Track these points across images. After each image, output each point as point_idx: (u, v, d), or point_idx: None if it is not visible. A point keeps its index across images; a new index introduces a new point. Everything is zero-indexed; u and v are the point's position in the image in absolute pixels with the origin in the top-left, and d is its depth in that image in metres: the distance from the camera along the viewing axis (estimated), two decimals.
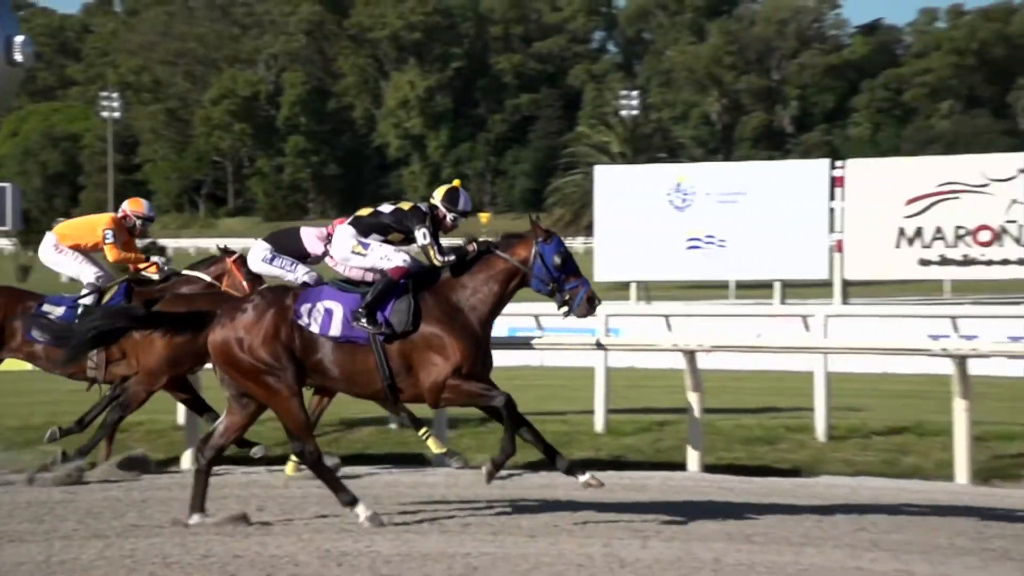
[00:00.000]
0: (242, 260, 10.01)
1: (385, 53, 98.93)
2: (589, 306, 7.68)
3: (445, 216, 7.94)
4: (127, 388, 9.43)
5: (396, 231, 7.87)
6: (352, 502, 7.48)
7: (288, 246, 9.72)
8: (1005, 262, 12.52)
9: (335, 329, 7.54)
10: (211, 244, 12.91)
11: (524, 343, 11.41)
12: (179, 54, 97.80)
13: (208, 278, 9.99)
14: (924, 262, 12.87)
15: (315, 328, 7.55)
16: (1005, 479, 9.28)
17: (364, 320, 7.48)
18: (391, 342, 7.52)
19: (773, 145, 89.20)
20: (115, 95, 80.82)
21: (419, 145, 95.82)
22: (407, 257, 7.78)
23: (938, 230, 12.69)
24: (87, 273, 9.81)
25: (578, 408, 12.12)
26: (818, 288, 15.12)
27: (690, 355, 9.84)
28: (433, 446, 9.50)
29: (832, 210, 13.02)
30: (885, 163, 17.86)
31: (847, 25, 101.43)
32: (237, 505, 7.93)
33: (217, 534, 7.21)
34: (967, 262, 12.74)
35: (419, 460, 10.11)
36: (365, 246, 7.82)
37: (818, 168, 13.84)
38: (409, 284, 7.64)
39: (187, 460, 9.96)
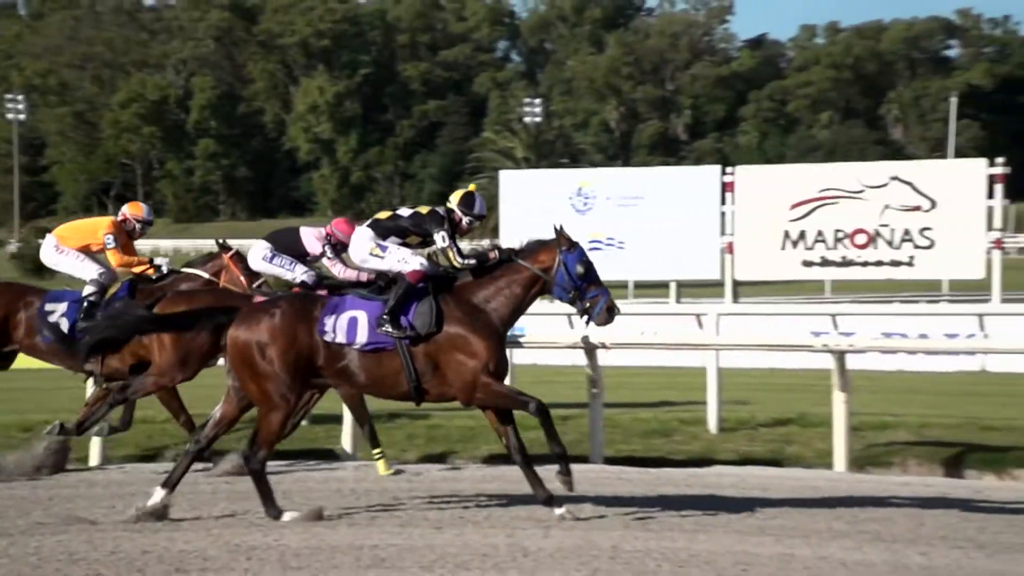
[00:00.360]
0: (239, 256, 9.92)
1: (294, 59, 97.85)
2: (609, 315, 7.58)
3: (461, 219, 7.91)
4: (140, 378, 9.07)
5: (414, 234, 7.84)
6: (278, 516, 7.38)
7: (288, 245, 9.71)
8: (879, 263, 12.82)
9: (361, 337, 7.45)
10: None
11: None
12: (86, 58, 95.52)
13: (206, 275, 9.82)
14: (807, 263, 13.11)
15: (341, 339, 7.45)
16: (878, 466, 9.48)
17: (388, 326, 7.40)
18: (416, 344, 7.43)
19: (668, 152, 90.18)
20: (20, 98, 79.17)
21: (329, 149, 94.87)
22: (423, 260, 7.72)
23: (819, 233, 12.94)
24: (90, 271, 9.57)
25: None
26: (710, 288, 15.31)
27: (592, 351, 9.93)
28: (382, 469, 9.20)
29: (723, 214, 13.20)
30: (771, 170, 18.20)
31: (735, 39, 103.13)
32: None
33: (125, 530, 7.04)
34: (845, 263, 13.02)
35: (330, 455, 10.04)
36: (383, 248, 7.79)
37: (710, 174, 14.02)
38: (429, 287, 7.56)
39: (95, 456, 9.82)
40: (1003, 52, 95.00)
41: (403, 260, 7.68)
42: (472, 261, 7.70)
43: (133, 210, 9.97)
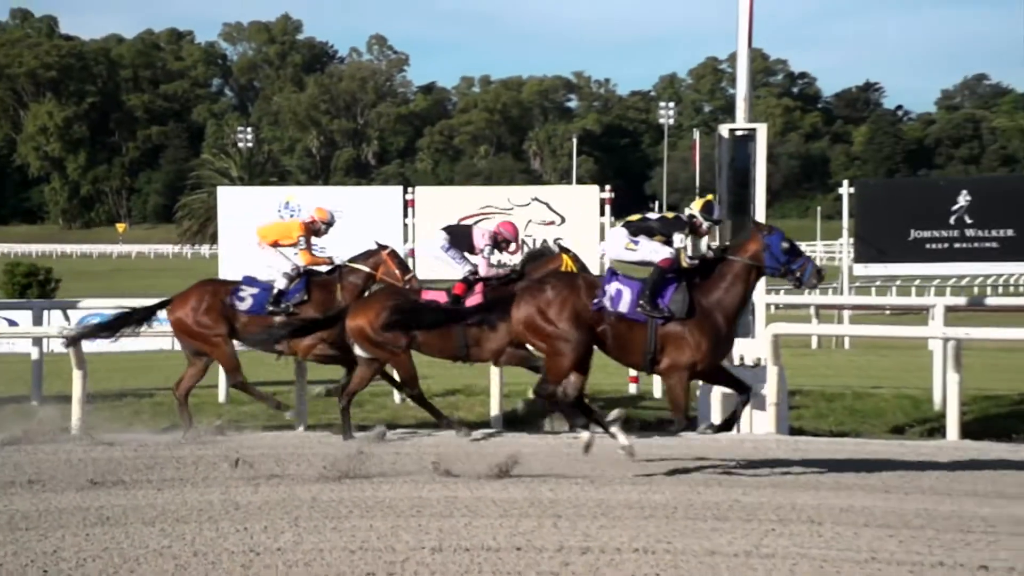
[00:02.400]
0: (393, 252, 9.60)
1: (23, 87, 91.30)
2: (818, 276, 7.49)
3: (702, 224, 7.81)
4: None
5: (659, 234, 7.56)
6: (585, 426, 7.47)
7: (460, 239, 9.19)
8: None
9: (623, 307, 7.32)
10: None
11: None
12: None
13: (367, 269, 9.37)
14: None
15: (608, 305, 7.33)
16: (526, 424, 9.61)
17: (648, 307, 7.27)
18: (664, 325, 7.31)
19: (360, 174, 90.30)
20: None
21: (59, 166, 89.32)
22: (671, 251, 7.51)
23: None
24: (284, 265, 9.31)
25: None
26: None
27: None
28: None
29: (406, 225, 13.17)
30: (443, 190, 18.32)
31: (411, 85, 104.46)
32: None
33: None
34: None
35: None
36: (636, 243, 7.62)
37: (394, 193, 13.94)
38: (683, 278, 7.41)
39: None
40: (607, 105, 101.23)
41: (654, 251, 7.53)
42: (696, 262, 7.59)
43: (320, 214, 9.74)
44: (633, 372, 12.07)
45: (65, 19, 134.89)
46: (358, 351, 8.76)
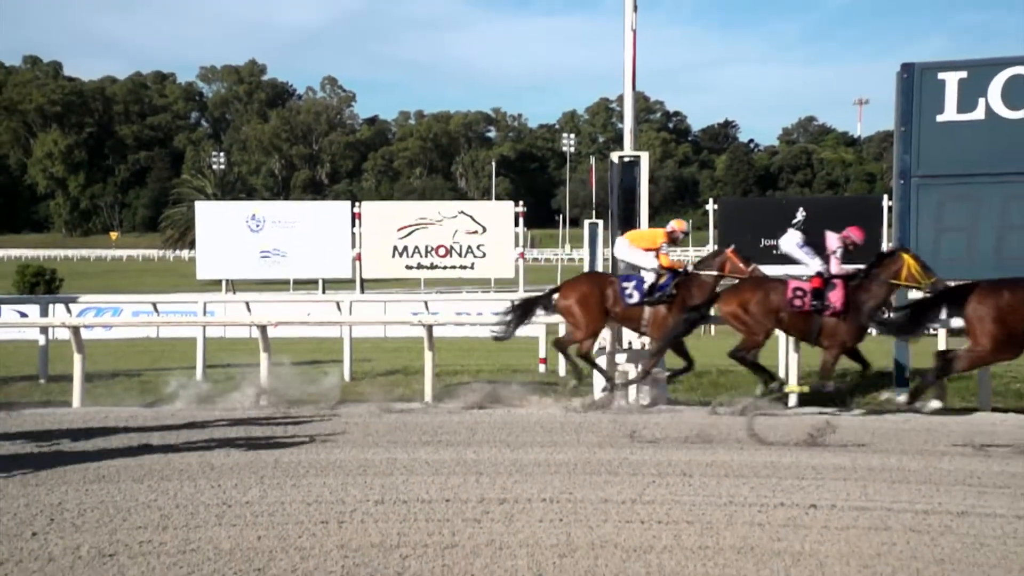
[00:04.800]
0: (736, 250, 8.98)
1: (33, 120, 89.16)
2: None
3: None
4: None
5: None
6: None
7: (814, 239, 8.58)
8: (453, 267, 13.13)
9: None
10: None
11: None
12: None
13: (715, 271, 8.79)
14: (408, 267, 13.18)
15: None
16: (453, 399, 9.54)
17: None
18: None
19: (315, 191, 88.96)
20: None
21: (62, 185, 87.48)
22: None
23: (416, 247, 13.06)
24: (650, 263, 8.86)
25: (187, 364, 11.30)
26: (346, 283, 15.10)
27: (262, 328, 9.49)
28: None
29: (354, 234, 12.99)
30: (384, 205, 18.13)
31: (358, 118, 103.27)
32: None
33: None
34: (432, 267, 13.21)
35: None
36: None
37: (344, 207, 13.75)
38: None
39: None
40: (519, 136, 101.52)
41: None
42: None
43: (679, 224, 9.14)
44: (542, 354, 12.12)
45: (68, 63, 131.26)
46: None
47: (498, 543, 4.68)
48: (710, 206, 16.67)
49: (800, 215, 11.31)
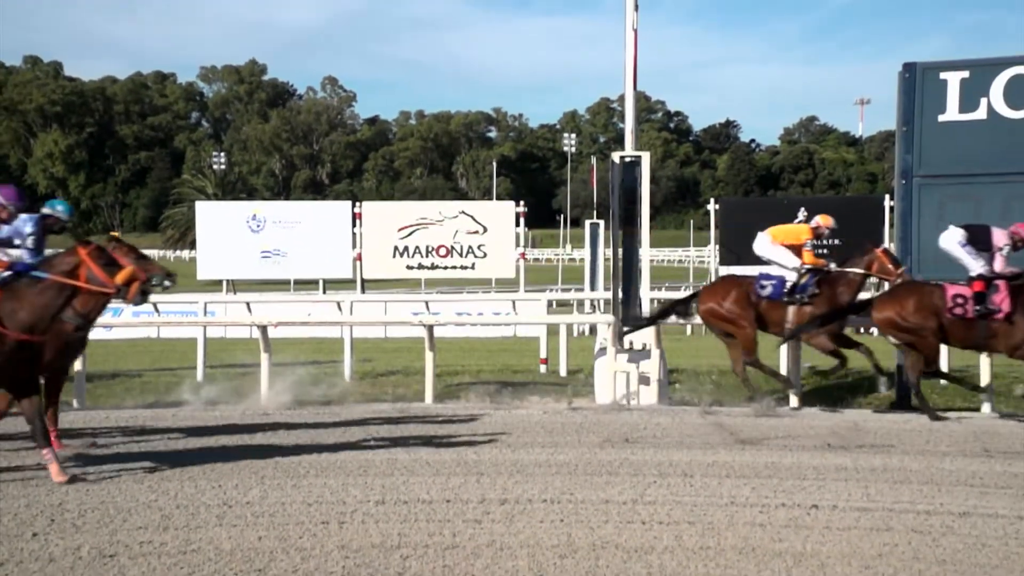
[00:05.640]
0: (886, 251, 8.60)
1: (33, 120, 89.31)
2: None
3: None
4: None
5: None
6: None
7: (979, 238, 7.98)
8: (454, 267, 13.14)
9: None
10: None
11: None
12: None
13: (862, 268, 8.50)
14: (409, 267, 13.19)
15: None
16: (454, 399, 9.57)
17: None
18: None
19: (316, 191, 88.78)
20: None
21: (63, 185, 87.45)
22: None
23: (417, 247, 13.07)
24: (791, 261, 8.58)
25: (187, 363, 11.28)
26: (346, 284, 15.11)
27: (263, 328, 9.49)
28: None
29: (354, 234, 13.00)
30: (385, 205, 18.13)
31: (358, 118, 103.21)
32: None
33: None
34: (433, 267, 13.22)
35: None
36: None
37: (344, 207, 13.76)
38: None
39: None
40: (520, 136, 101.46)
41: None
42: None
43: (824, 220, 8.82)
44: (543, 354, 12.13)
45: (68, 63, 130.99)
46: (891, 339, 8.15)
47: (499, 544, 4.68)
48: (711, 206, 16.64)
49: (802, 215, 11.29)
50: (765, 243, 8.78)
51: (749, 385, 8.63)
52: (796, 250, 8.68)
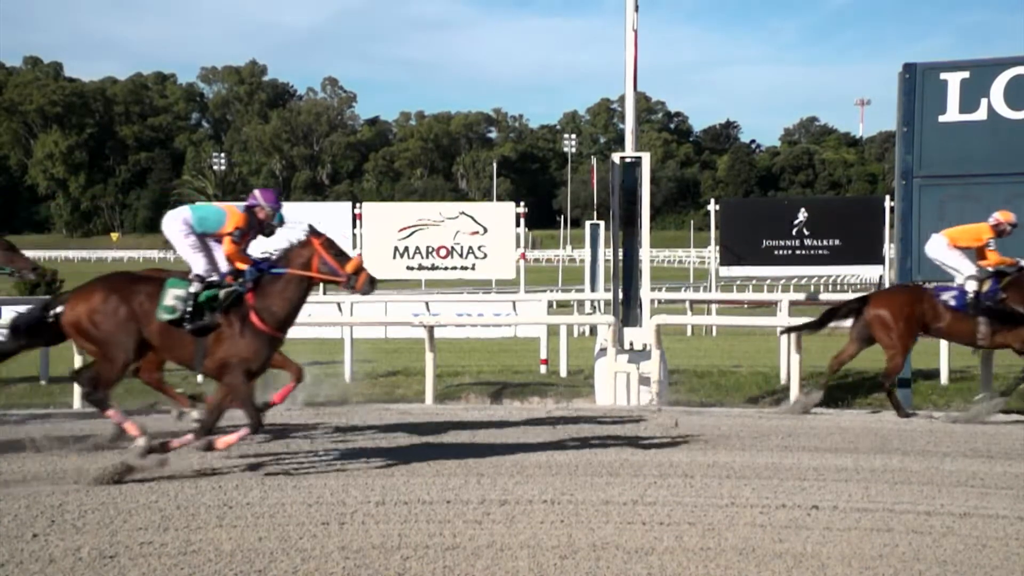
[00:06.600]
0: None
1: (33, 120, 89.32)
2: None
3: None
4: None
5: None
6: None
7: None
8: (454, 268, 13.15)
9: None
10: None
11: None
12: None
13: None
14: (409, 268, 13.21)
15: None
16: (454, 400, 9.56)
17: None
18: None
19: (316, 192, 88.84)
20: None
21: (63, 185, 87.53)
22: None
23: (417, 248, 13.08)
24: (968, 268, 8.09)
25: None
26: None
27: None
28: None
29: (355, 235, 13.01)
30: (385, 206, 18.16)
31: (359, 118, 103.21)
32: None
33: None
34: (433, 268, 13.24)
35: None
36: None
37: (345, 208, 13.78)
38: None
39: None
40: (520, 136, 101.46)
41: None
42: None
43: (1005, 216, 8.13)
44: (543, 355, 12.12)
45: (68, 64, 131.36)
46: None
47: (499, 544, 4.68)
48: (711, 207, 16.63)
49: (802, 215, 11.30)
50: (941, 247, 8.18)
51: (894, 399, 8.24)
52: (979, 252, 8.15)
